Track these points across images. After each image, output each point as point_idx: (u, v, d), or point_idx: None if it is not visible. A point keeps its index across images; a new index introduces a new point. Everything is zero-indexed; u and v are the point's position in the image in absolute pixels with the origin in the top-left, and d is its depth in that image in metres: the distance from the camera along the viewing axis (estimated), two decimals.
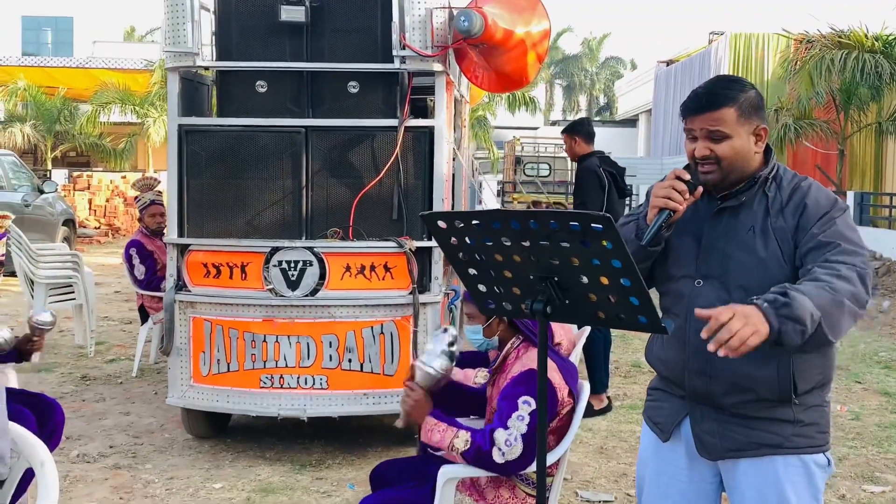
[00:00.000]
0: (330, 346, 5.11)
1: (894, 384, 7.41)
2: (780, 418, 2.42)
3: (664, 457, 2.62)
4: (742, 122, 2.39)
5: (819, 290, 2.18)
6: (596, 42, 56.10)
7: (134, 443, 5.61)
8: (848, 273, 2.23)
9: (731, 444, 2.45)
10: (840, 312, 2.19)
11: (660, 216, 2.37)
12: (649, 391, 2.73)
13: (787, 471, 2.43)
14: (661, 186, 2.40)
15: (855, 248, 2.32)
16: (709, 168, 2.42)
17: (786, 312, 2.12)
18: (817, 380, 2.43)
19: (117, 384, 7.10)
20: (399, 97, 5.17)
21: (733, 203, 2.45)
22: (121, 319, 10.14)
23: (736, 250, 2.41)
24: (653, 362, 2.67)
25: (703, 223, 2.47)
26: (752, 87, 2.46)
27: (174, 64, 5.15)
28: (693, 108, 2.43)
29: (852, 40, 16.46)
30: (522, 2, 5.09)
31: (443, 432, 3.15)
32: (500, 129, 31.76)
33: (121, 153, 26.47)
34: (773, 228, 2.40)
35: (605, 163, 6.41)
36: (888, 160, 20.38)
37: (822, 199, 2.41)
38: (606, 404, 6.21)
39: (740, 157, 2.41)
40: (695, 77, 25.11)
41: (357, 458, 5.33)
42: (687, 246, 2.47)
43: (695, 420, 2.52)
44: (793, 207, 2.40)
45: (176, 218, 5.22)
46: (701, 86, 2.49)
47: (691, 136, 2.45)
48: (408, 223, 5.13)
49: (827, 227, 2.35)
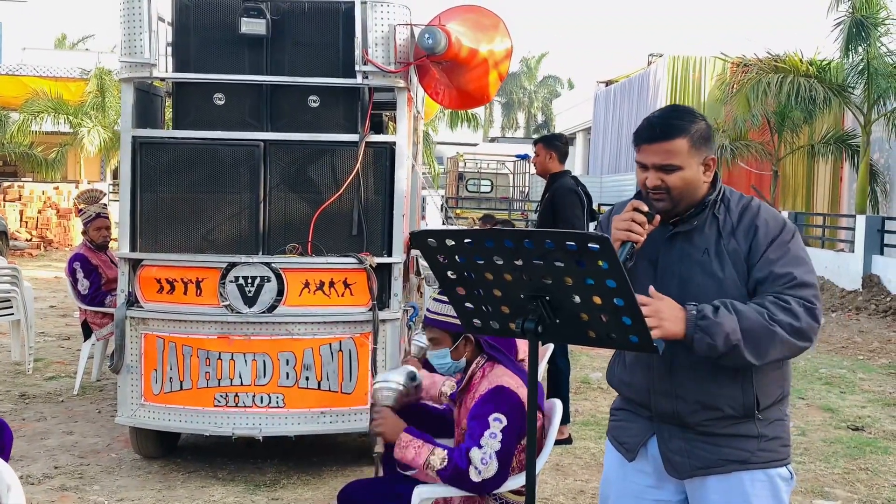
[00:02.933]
0: (287, 363, 5.03)
1: (836, 400, 7.60)
2: (745, 434, 2.47)
3: (629, 477, 2.63)
4: (693, 154, 2.45)
5: (756, 315, 2.31)
6: (534, 60, 56.83)
7: (80, 463, 5.44)
8: (797, 308, 2.34)
9: (699, 461, 2.49)
10: (769, 340, 2.31)
11: (623, 249, 2.39)
12: (613, 411, 2.75)
13: (753, 486, 2.47)
14: (621, 220, 2.43)
15: (807, 279, 2.39)
16: (659, 197, 2.47)
17: (703, 325, 2.28)
18: (777, 394, 2.51)
19: (58, 402, 6.88)
20: (360, 112, 5.14)
21: (686, 227, 2.51)
22: (58, 335, 9.85)
23: (693, 273, 2.46)
24: (615, 384, 2.70)
25: (658, 247, 2.52)
26: (703, 118, 2.53)
27: (130, 74, 5.03)
28: (646, 137, 2.48)
29: (788, 64, 16.97)
30: (485, 21, 5.12)
31: (418, 449, 3.11)
32: (441, 145, 31.85)
33: (51, 163, 25.82)
34: (726, 251, 2.45)
35: (578, 184, 6.29)
36: (819, 181, 21.02)
37: (772, 221, 2.48)
38: (567, 437, 6.14)
39: (690, 186, 2.48)
40: (633, 98, 25.61)
41: (312, 477, 5.25)
42: (644, 270, 2.51)
43: (662, 440, 2.54)
44: (744, 230, 2.47)
45: (128, 232, 5.08)
46: (654, 115, 2.55)
47: (642, 165, 2.50)
48: (368, 239, 5.09)
49: (781, 252, 2.42)
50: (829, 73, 17.02)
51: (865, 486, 5.35)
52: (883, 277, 14.44)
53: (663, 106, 2.68)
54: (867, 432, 6.58)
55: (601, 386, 7.89)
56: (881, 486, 5.34)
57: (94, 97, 24.84)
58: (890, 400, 7.67)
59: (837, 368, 9.05)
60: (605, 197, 23.08)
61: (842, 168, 19.92)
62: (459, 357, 3.45)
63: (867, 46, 15.69)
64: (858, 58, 16.05)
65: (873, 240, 14.90)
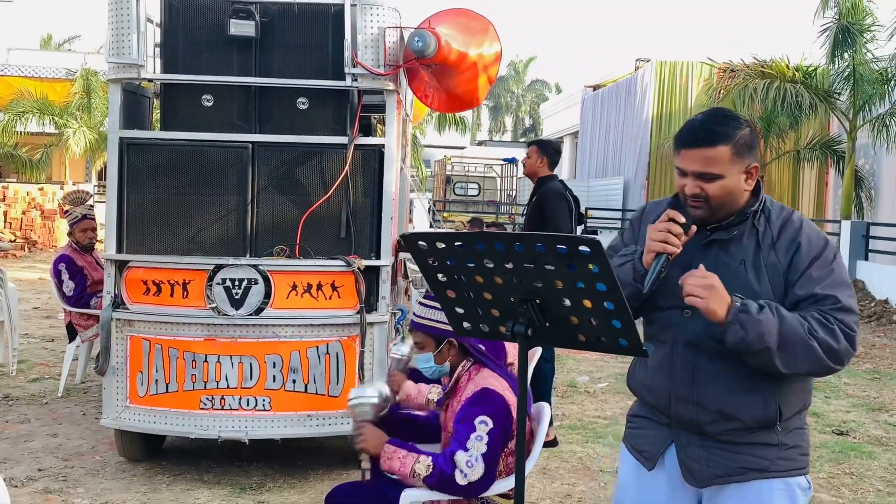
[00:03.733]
0: (274, 366, 5.01)
1: (821, 405, 7.63)
2: (764, 442, 2.43)
3: (646, 485, 2.59)
4: (735, 162, 2.36)
5: (797, 324, 2.26)
6: (522, 65, 56.94)
7: (64, 466, 5.39)
8: (838, 331, 2.29)
9: (718, 469, 2.45)
10: (804, 352, 2.27)
11: (658, 260, 2.34)
12: (630, 418, 2.69)
13: (772, 494, 2.43)
14: (656, 230, 2.35)
15: (851, 305, 2.35)
16: (697, 205, 2.40)
17: (742, 318, 2.23)
18: (800, 405, 2.47)
19: (42, 404, 6.83)
20: (349, 115, 5.13)
21: (724, 236, 2.44)
22: (42, 337, 9.78)
23: (728, 284, 2.34)
24: (636, 388, 2.64)
25: (693, 254, 2.43)
26: (748, 124, 2.44)
27: (118, 75, 5.01)
28: (688, 141, 2.39)
29: (774, 70, 17.05)
30: (475, 24, 5.12)
31: (402, 459, 3.11)
32: (429, 148, 31.88)
33: (36, 164, 25.69)
34: (765, 264, 2.39)
35: (566, 188, 6.29)
36: (804, 186, 21.15)
37: (815, 238, 2.41)
38: (552, 439, 6.14)
39: (731, 195, 2.40)
40: (621, 102, 25.69)
41: (298, 480, 5.23)
42: (676, 276, 2.40)
43: (680, 447, 2.50)
44: (785, 244, 2.40)
45: (115, 233, 5.05)
46: (697, 118, 2.45)
47: (681, 171, 2.42)
48: (356, 242, 5.08)
49: (825, 273, 2.36)
50: (815, 78, 17.12)
51: (850, 490, 5.38)
52: (868, 283, 14.53)
53: (708, 109, 2.59)
54: (852, 437, 6.61)
55: (588, 390, 7.90)
56: (866, 491, 5.36)
57: (80, 98, 24.75)
58: (874, 405, 7.71)
59: None
60: (593, 201, 23.15)
61: (827, 174, 20.05)
62: (443, 361, 3.46)
63: (853, 53, 15.79)
64: (844, 64, 16.16)
65: (858, 245, 14.99)
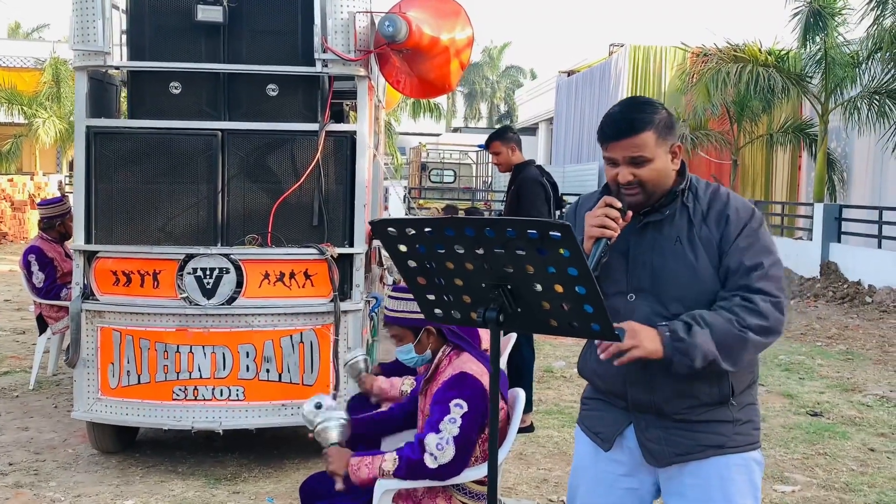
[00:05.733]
0: (247, 356, 4.97)
1: (795, 386, 7.69)
2: (720, 419, 2.49)
3: (601, 466, 2.61)
4: (660, 144, 2.44)
5: (727, 325, 2.34)
6: (497, 51, 56.86)
7: (35, 459, 5.33)
8: (763, 306, 2.36)
9: (678, 448, 2.48)
10: (742, 347, 2.36)
11: (597, 246, 2.38)
12: (585, 400, 2.73)
13: (729, 470, 2.49)
14: (594, 216, 2.41)
15: (774, 272, 2.42)
16: (633, 191, 2.46)
17: (680, 347, 2.30)
18: (748, 379, 2.54)
19: (13, 398, 6.74)
20: (320, 101, 5.07)
21: (656, 217, 2.50)
22: (13, 329, 9.66)
23: (666, 262, 2.45)
24: (587, 375, 2.67)
25: (629, 238, 2.50)
26: (663, 106, 2.52)
27: (83, 63, 4.92)
28: (612, 134, 2.45)
29: (747, 54, 17.13)
30: (446, 8, 5.07)
31: (369, 465, 3.10)
32: (404, 135, 31.77)
33: (6, 155, 25.37)
34: (699, 238, 2.45)
35: (543, 173, 6.17)
36: (777, 170, 21.30)
37: (742, 208, 2.49)
38: (529, 425, 6.14)
39: (662, 177, 2.47)
40: (595, 87, 25.73)
41: (274, 470, 5.19)
42: (616, 262, 2.49)
43: (640, 429, 2.53)
44: (715, 217, 2.47)
45: (83, 223, 4.97)
46: (614, 110, 2.51)
47: (612, 162, 2.47)
48: (328, 229, 5.03)
49: (751, 241, 2.43)
50: (787, 62, 17.21)
51: (824, 470, 5.42)
52: (840, 265, 14.67)
53: (621, 99, 2.64)
54: (826, 417, 6.66)
55: (564, 375, 7.91)
56: (839, 471, 5.41)
57: (49, 87, 24.44)
58: (847, 385, 7.78)
59: (796, 355, 9.17)
60: (568, 186, 23.17)
61: (800, 157, 20.20)
62: (424, 350, 3.43)
63: (825, 36, 15.88)
64: (816, 48, 16.25)
65: (831, 228, 15.12)
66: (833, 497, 4.97)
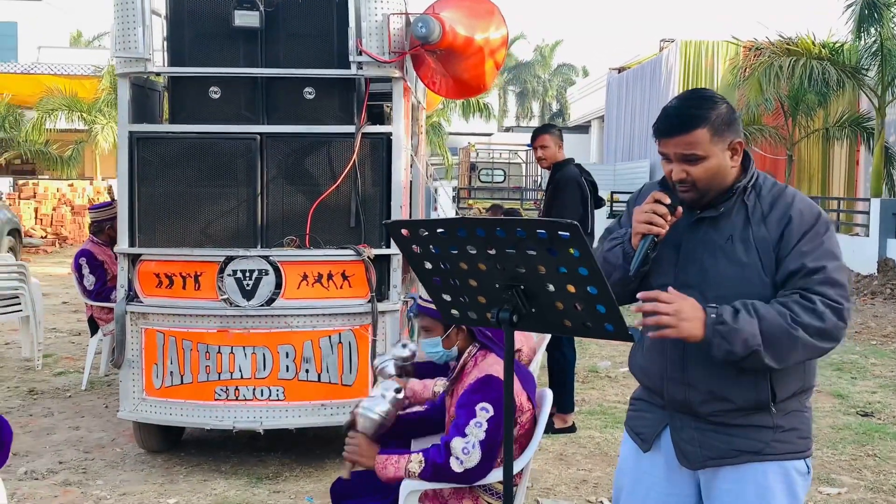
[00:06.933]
0: (286, 356, 5.03)
1: (847, 386, 7.53)
2: (759, 424, 2.40)
3: (643, 467, 2.58)
4: (716, 141, 2.35)
5: (778, 319, 2.23)
6: (548, 49, 56.58)
7: (84, 458, 5.46)
8: (822, 308, 2.25)
9: (712, 451, 2.42)
10: (791, 344, 2.24)
11: (644, 242, 2.33)
12: (632, 401, 2.69)
13: (766, 477, 2.40)
14: (642, 212, 2.36)
15: (838, 278, 2.30)
16: (685, 189, 2.39)
17: (722, 330, 2.22)
18: (796, 387, 2.42)
19: (66, 398, 6.92)
20: (356, 103, 5.11)
21: (712, 213, 2.42)
22: (69, 331, 9.91)
23: (715, 260, 2.38)
24: (635, 371, 2.63)
25: (682, 233, 2.43)
26: (724, 101, 2.41)
27: (125, 70, 5.03)
28: (664, 131, 2.38)
29: (800, 47, 16.79)
30: (480, 8, 5.07)
31: (395, 464, 3.11)
32: (455, 136, 31.81)
33: (67, 161, 25.99)
34: (753, 238, 2.37)
35: (582, 172, 6.11)
36: (834, 165, 20.84)
37: (807, 211, 2.38)
38: (570, 425, 6.11)
39: (717, 175, 2.38)
40: (646, 84, 25.45)
41: (315, 469, 5.25)
42: (666, 255, 2.44)
43: (675, 429, 2.48)
44: (776, 218, 2.38)
45: (127, 227, 5.09)
46: (671, 104, 2.43)
47: (666, 157, 2.41)
48: (366, 231, 5.07)
49: (814, 245, 2.33)
50: (842, 55, 16.82)
51: (872, 472, 5.29)
52: None
53: (681, 92, 2.57)
54: (877, 418, 6.51)
55: (609, 375, 7.85)
56: (888, 473, 5.28)
57: (108, 94, 24.95)
58: None
59: (849, 354, 8.96)
60: (619, 184, 22.98)
61: (857, 151, 19.72)
62: (451, 345, 3.43)
63: (880, 28, 15.50)
64: (871, 39, 15.86)
65: (888, 223, 14.74)
66: (880, 500, 4.85)
